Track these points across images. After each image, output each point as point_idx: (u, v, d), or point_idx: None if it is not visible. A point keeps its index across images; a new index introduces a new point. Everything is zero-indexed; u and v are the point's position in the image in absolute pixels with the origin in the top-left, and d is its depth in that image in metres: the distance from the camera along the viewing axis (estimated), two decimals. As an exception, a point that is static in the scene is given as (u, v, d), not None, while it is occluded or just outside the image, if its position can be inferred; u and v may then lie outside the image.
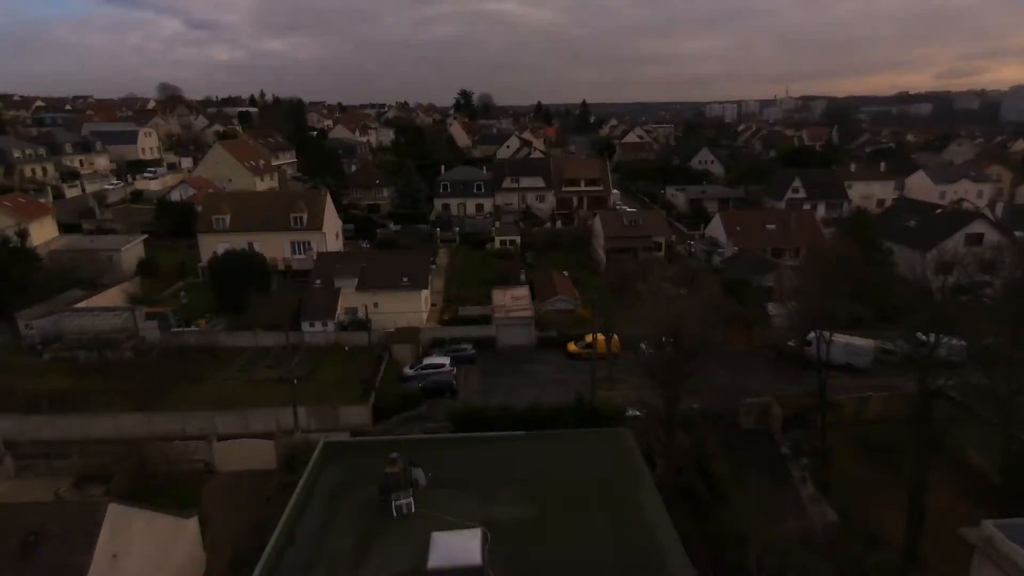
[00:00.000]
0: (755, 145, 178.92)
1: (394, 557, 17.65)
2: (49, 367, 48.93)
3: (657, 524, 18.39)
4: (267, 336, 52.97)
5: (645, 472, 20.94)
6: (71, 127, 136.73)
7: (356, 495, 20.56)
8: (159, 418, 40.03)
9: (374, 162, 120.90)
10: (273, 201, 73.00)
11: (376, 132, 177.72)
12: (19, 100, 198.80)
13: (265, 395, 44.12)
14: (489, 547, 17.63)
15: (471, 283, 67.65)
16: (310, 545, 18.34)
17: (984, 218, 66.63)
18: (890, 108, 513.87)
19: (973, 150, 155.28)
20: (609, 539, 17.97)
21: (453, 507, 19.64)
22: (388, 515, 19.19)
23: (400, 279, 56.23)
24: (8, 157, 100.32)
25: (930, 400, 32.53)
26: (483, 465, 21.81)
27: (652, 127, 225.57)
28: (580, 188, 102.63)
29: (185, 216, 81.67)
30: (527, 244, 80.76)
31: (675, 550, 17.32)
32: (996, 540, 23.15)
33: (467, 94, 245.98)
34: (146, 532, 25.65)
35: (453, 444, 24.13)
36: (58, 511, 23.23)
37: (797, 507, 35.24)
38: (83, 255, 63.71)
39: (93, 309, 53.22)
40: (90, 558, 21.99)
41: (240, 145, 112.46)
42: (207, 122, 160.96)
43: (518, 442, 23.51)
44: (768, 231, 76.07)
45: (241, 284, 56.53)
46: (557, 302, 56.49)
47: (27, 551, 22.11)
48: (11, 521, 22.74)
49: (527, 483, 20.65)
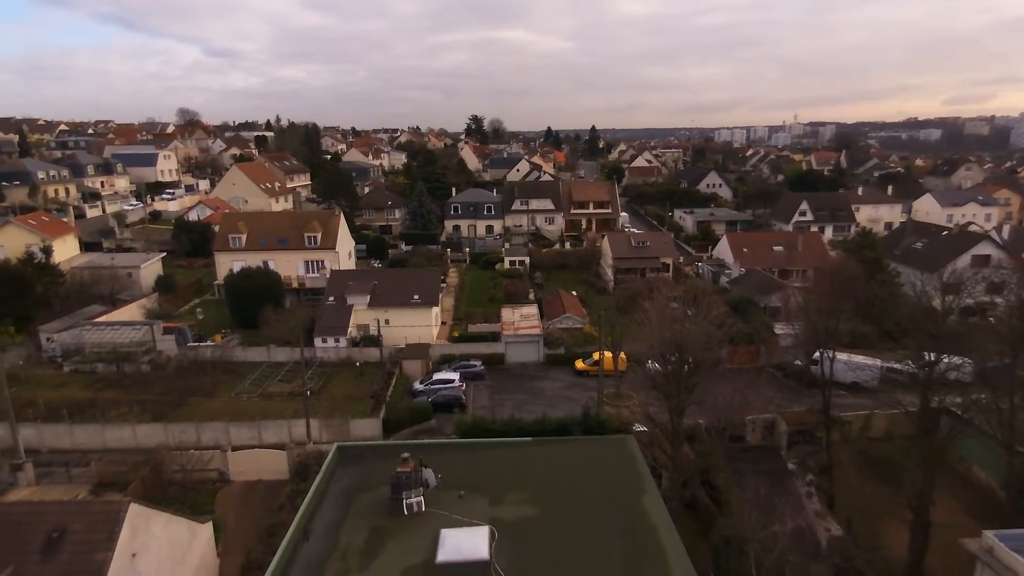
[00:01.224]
0: (763, 169, 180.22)
1: (404, 552, 18.31)
2: (69, 379, 50.24)
3: (659, 526, 18.96)
4: (280, 352, 54.10)
5: (648, 477, 21.55)
6: (93, 150, 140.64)
7: (368, 495, 21.28)
8: (175, 428, 40.97)
9: (386, 184, 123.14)
10: (288, 221, 74.73)
11: (388, 156, 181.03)
12: (43, 124, 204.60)
13: (278, 408, 45.04)
14: (496, 544, 18.27)
15: (480, 302, 68.65)
16: (323, 540, 19.06)
17: (990, 240, 66.97)
18: (899, 134, 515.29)
19: (982, 174, 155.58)
20: (613, 538, 18.54)
21: (461, 507, 20.30)
22: (399, 513, 19.87)
23: (411, 296, 57.32)
24: (33, 178, 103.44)
25: (934, 415, 32.87)
26: (491, 468, 22.50)
27: (661, 152, 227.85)
28: (589, 211, 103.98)
29: (202, 236, 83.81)
30: (536, 265, 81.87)
31: (676, 549, 17.89)
32: (997, 550, 23.51)
33: (478, 119, 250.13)
34: (164, 534, 26.43)
35: (462, 449, 24.85)
36: (80, 510, 24.06)
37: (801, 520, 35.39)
38: (104, 272, 65.47)
39: (112, 323, 54.67)
40: (111, 556, 22.74)
41: (256, 167, 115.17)
42: (224, 146, 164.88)
43: (525, 448, 24.21)
44: (775, 253, 76.67)
45: (256, 301, 57.93)
46: (565, 320, 57.26)
47: (50, 548, 22.93)
48: (35, 519, 23.60)
49: (533, 485, 21.30)
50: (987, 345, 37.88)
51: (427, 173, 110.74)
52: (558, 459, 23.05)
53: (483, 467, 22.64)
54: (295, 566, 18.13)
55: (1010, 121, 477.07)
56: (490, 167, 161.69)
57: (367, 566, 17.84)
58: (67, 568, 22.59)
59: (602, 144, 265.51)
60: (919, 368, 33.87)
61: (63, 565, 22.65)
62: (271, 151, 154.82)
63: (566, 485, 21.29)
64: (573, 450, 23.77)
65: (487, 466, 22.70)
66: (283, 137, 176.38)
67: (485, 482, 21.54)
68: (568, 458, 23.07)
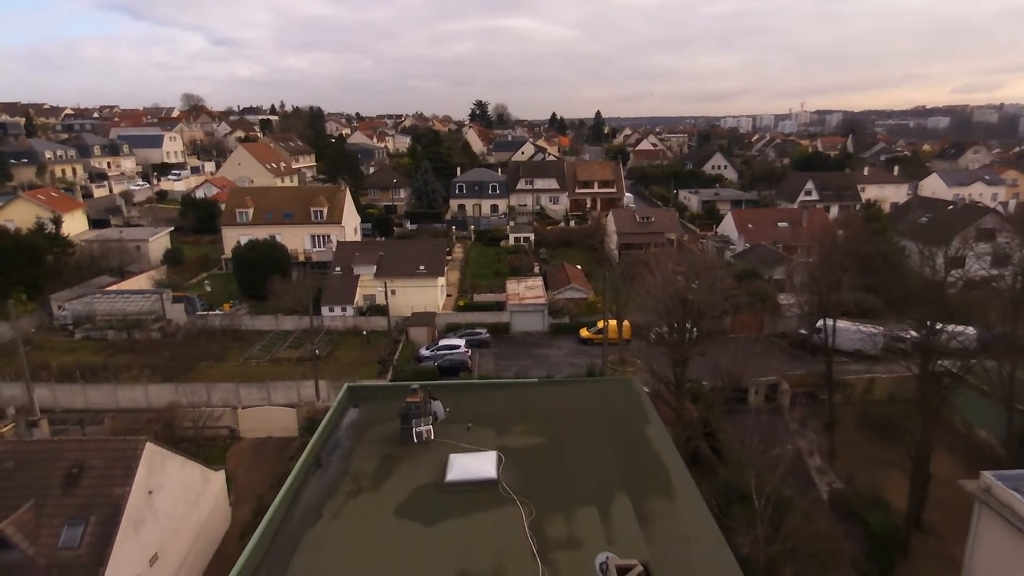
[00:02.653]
0: (769, 153, 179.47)
1: (414, 474, 18.85)
2: (80, 345, 51.02)
3: (662, 450, 19.45)
4: (288, 320, 54.76)
5: (652, 411, 22.02)
6: (99, 132, 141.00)
7: (378, 429, 21.81)
8: (186, 389, 41.61)
9: (391, 166, 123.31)
10: (294, 195, 75.19)
11: (393, 139, 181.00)
12: (49, 108, 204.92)
13: (286, 372, 45.70)
14: (503, 467, 18.80)
15: (485, 276, 69.08)
16: (335, 467, 19.60)
17: (996, 213, 66.88)
18: (907, 122, 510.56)
19: (989, 158, 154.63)
20: (616, 460, 19.05)
21: (469, 438, 20.83)
22: (409, 442, 20.40)
23: (417, 267, 57.78)
24: (40, 157, 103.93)
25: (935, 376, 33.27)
26: (498, 406, 22.99)
27: (666, 136, 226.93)
28: (593, 190, 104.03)
29: (208, 213, 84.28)
30: (541, 241, 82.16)
31: (679, 469, 18.37)
32: (995, 489, 23.91)
33: (483, 104, 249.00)
34: (178, 475, 27.11)
35: (470, 389, 25.37)
36: (99, 447, 24.68)
37: (803, 477, 35.91)
38: (112, 245, 66.15)
39: (122, 292, 55.35)
40: (129, 490, 23.41)
41: (261, 147, 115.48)
42: (229, 129, 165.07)
43: (531, 388, 24.71)
44: (780, 229, 76.74)
45: (263, 272, 58.47)
46: (569, 290, 57.66)
47: (70, 482, 23.61)
48: (55, 456, 24.28)
49: (539, 419, 21.80)
50: (989, 314, 38.19)
51: (432, 153, 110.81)
52: (564, 397, 23.55)
53: (491, 404, 23.14)
54: (308, 487, 18.69)
55: (1019, 109, 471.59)
56: (495, 150, 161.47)
57: (379, 486, 18.40)
58: (87, 501, 23.27)
59: (607, 130, 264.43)
60: (922, 336, 34.29)
61: (83, 499, 23.33)
62: (276, 133, 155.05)
63: (571, 418, 21.78)
64: (578, 389, 24.27)
65: (494, 404, 23.21)
66: (288, 120, 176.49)
67: (492, 417, 22.06)
68: (573, 396, 23.56)
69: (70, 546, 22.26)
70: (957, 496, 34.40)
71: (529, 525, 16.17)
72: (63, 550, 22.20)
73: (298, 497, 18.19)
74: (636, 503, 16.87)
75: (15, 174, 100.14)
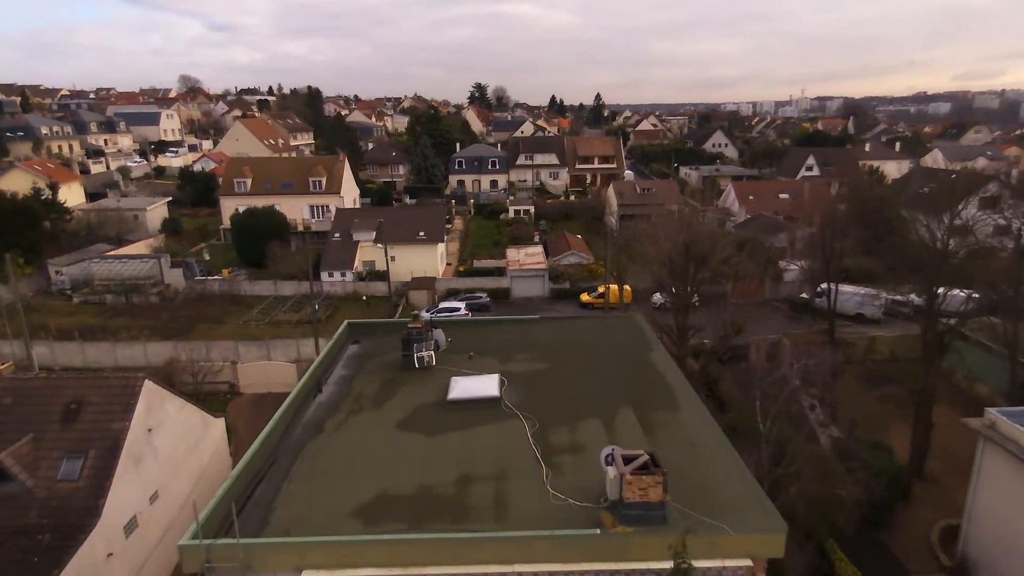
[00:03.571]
0: (769, 134, 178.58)
1: (416, 395, 18.69)
2: (79, 309, 50.75)
3: (666, 372, 19.26)
4: (287, 286, 54.51)
5: (656, 341, 21.84)
6: (96, 111, 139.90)
7: (380, 358, 21.63)
8: (185, 347, 41.40)
9: (390, 143, 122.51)
10: (293, 166, 74.63)
11: (392, 119, 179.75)
12: (45, 90, 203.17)
13: (286, 333, 45.47)
14: (506, 388, 18.61)
15: (485, 247, 68.72)
16: (336, 391, 19.41)
17: (1000, 180, 66.42)
18: (907, 107, 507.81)
19: (990, 138, 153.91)
20: (621, 381, 18.88)
21: (471, 365, 20.64)
22: (410, 368, 20.21)
23: (417, 233, 57.45)
24: (36, 132, 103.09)
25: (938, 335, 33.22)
26: (500, 338, 22.83)
27: (666, 118, 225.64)
28: (593, 165, 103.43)
29: (206, 186, 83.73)
30: (541, 215, 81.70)
31: (684, 388, 18.19)
32: (999, 424, 23.87)
33: (481, 87, 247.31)
34: (178, 417, 26.93)
35: (471, 324, 25.19)
36: (97, 383, 24.47)
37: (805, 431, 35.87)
38: (110, 214, 65.72)
39: (120, 256, 55.00)
40: (128, 425, 23.22)
41: (259, 124, 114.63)
42: (226, 108, 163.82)
43: (533, 323, 24.53)
44: (781, 200, 76.35)
45: (262, 240, 58.12)
46: (570, 256, 57.40)
47: (68, 417, 23.44)
48: (53, 391, 24.09)
49: (542, 348, 21.64)
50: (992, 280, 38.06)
51: (431, 129, 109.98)
52: (566, 330, 23.40)
53: (493, 338, 22.97)
54: (309, 408, 18.51)
55: (1020, 95, 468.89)
56: (494, 130, 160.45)
57: (380, 405, 18.23)
58: (85, 435, 23.09)
59: (607, 113, 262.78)
60: (924, 300, 34.24)
61: (81, 433, 23.15)
62: (274, 111, 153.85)
63: (575, 347, 21.60)
64: (581, 323, 24.12)
65: (497, 337, 23.02)
66: (286, 100, 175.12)
67: (495, 348, 21.88)
68: (576, 329, 23.41)
69: (69, 478, 22.10)
70: (958, 448, 34.50)
71: (532, 435, 16.00)
72: (62, 482, 22.04)
73: (298, 416, 18.02)
74: (641, 416, 16.71)
75: (11, 149, 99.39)
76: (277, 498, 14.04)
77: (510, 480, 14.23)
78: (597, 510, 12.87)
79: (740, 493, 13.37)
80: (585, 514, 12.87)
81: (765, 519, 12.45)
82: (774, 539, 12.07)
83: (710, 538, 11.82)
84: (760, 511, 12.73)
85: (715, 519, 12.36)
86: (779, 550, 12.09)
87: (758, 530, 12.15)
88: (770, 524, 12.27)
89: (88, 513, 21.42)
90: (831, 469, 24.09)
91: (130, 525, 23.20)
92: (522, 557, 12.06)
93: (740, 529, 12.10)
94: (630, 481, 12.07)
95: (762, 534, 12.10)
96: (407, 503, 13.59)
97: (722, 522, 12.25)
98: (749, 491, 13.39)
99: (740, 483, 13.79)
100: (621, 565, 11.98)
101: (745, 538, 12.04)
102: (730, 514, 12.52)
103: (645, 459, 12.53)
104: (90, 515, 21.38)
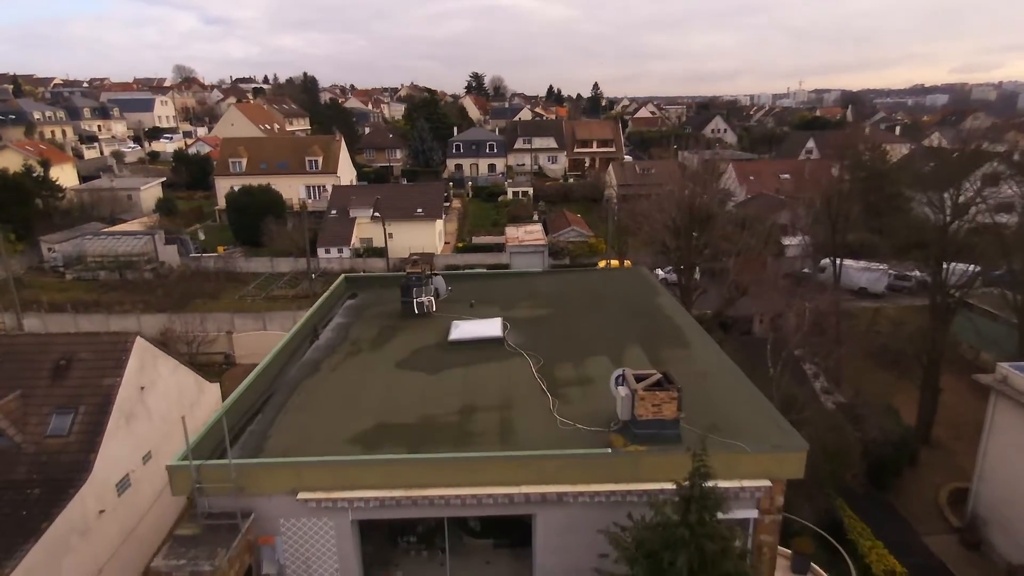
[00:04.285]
0: (768, 122, 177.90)
1: (416, 338, 18.07)
2: (72, 285, 49.99)
3: (675, 315, 18.68)
4: (283, 262, 53.84)
5: (662, 288, 21.24)
6: (89, 97, 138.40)
7: (377, 308, 21.00)
8: (180, 319, 40.69)
9: (387, 129, 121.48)
10: (289, 145, 73.79)
11: (389, 106, 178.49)
12: (38, 79, 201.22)
13: (282, 308, 44.80)
14: (509, 331, 18.00)
15: (484, 227, 68.01)
16: (333, 336, 18.78)
17: (1002, 156, 65.89)
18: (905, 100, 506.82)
19: (989, 123, 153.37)
20: (628, 323, 18.30)
21: (473, 313, 20.03)
22: (410, 314, 19.59)
23: (415, 209, 56.76)
24: (28, 117, 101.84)
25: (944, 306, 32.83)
26: (503, 289, 22.22)
27: (665, 107, 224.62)
28: (592, 149, 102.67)
29: (201, 169, 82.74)
30: (539, 196, 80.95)
31: (692, 326, 17.62)
32: (1011, 377, 23.41)
33: (479, 77, 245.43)
34: (171, 378, 26.29)
35: (472, 276, 24.60)
36: (88, 340, 23.80)
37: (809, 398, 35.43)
38: (103, 194, 64.84)
39: (114, 232, 54.20)
40: (119, 381, 22.58)
41: (255, 108, 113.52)
42: (221, 96, 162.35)
43: (536, 275, 23.94)
44: (781, 180, 75.68)
45: (258, 218, 57.34)
46: (570, 232, 56.78)
47: (58, 373, 22.78)
48: (42, 348, 23.40)
49: (547, 297, 21.04)
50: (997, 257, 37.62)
51: (429, 113, 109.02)
52: (571, 281, 22.80)
53: (495, 289, 22.36)
54: (304, 352, 17.88)
55: (1018, 87, 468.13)
56: (492, 118, 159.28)
57: (379, 347, 17.61)
58: (76, 392, 22.43)
59: (605, 103, 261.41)
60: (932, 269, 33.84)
61: (72, 389, 22.49)
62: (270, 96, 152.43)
63: (580, 295, 21.00)
64: (585, 274, 23.58)
65: (499, 288, 22.42)
66: (281, 89, 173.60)
67: (497, 297, 21.27)
68: (580, 279, 22.82)
69: (59, 434, 21.47)
70: (965, 415, 34.11)
71: (538, 371, 15.40)
72: (52, 437, 21.40)
73: (293, 358, 17.40)
74: (650, 352, 16.12)
75: (3, 134, 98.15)
76: (272, 428, 13.44)
77: (515, 409, 13.64)
78: (607, 434, 12.29)
79: (756, 414, 12.78)
80: (594, 438, 12.29)
81: (784, 438, 11.87)
82: (794, 458, 11.48)
83: (726, 457, 11.23)
84: (778, 431, 12.15)
85: (732, 440, 11.78)
86: (799, 470, 11.52)
87: (777, 449, 11.57)
88: (790, 443, 11.70)
89: (78, 468, 20.82)
90: (839, 424, 23.64)
91: (123, 483, 22.60)
92: (529, 478, 11.48)
93: (759, 448, 11.52)
94: (643, 396, 11.48)
95: (782, 453, 11.51)
96: (408, 430, 12.99)
97: (739, 442, 11.66)
98: (765, 413, 12.81)
99: (755, 406, 13.21)
100: (633, 486, 11.39)
101: (764, 457, 11.46)
102: (747, 435, 11.93)
103: (658, 377, 11.94)
104: (80, 470, 20.78)
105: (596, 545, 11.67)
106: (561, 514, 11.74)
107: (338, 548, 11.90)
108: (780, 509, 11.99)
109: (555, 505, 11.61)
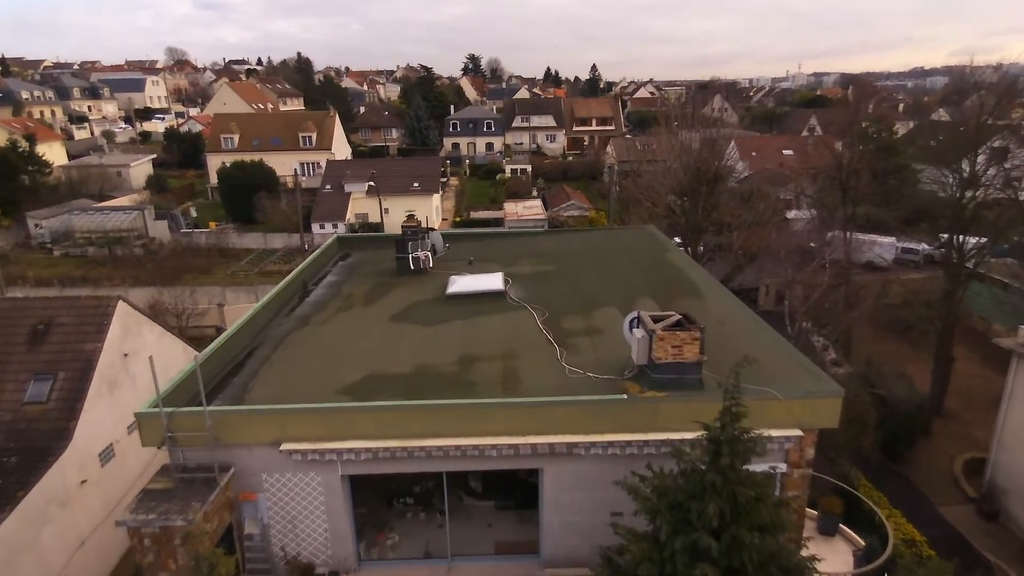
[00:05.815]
0: (768, 102, 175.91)
1: (412, 293, 16.96)
2: (60, 261, 48.71)
3: (686, 268, 17.57)
4: (276, 238, 52.57)
5: (672, 244, 20.13)
6: (79, 78, 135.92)
7: (372, 267, 19.87)
8: (170, 292, 39.50)
9: (383, 108, 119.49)
10: (282, 121, 72.21)
11: (384, 87, 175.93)
12: (27, 61, 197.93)
13: (275, 282, 43.60)
14: (511, 286, 16.89)
15: (482, 204, 66.74)
16: (324, 292, 17.65)
17: (1010, 130, 64.63)
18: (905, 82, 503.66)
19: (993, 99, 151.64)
20: (637, 276, 17.20)
21: (472, 270, 18.90)
22: (405, 270, 18.46)
23: (411, 184, 55.42)
24: (16, 96, 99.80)
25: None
26: (504, 248, 21.07)
27: (664, 89, 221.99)
28: (591, 127, 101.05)
29: (193, 147, 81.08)
30: (538, 174, 79.52)
31: (707, 278, 16.52)
32: (1035, 340, 22.41)
33: (475, 59, 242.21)
34: (157, 346, 25.05)
35: (470, 236, 23.45)
36: (68, 304, 22.65)
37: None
38: (92, 170, 63.31)
39: (103, 208, 52.83)
40: (100, 347, 21.47)
41: (247, 87, 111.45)
42: (214, 77, 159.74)
43: (539, 234, 22.80)
44: (785, 156, 74.28)
45: (250, 194, 56.01)
46: (570, 207, 55.55)
47: (36, 339, 21.64)
48: (20, 312, 22.26)
49: (551, 254, 19.91)
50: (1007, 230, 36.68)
51: (425, 91, 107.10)
52: (576, 240, 21.66)
53: (495, 248, 21.21)
54: (294, 307, 16.75)
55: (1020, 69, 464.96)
56: (489, 99, 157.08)
57: (373, 302, 16.50)
58: (55, 357, 21.31)
59: (603, 84, 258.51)
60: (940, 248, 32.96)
61: (50, 355, 21.35)
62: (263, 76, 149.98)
63: (584, 251, 19.88)
64: (590, 233, 22.44)
65: (500, 247, 21.27)
66: (276, 69, 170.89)
67: (498, 256, 20.12)
68: (585, 238, 21.69)
69: (37, 400, 20.39)
70: (977, 387, 33.24)
71: (543, 323, 14.30)
72: (29, 404, 20.32)
73: (280, 313, 16.27)
74: (662, 303, 15.01)
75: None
76: (255, 381, 12.35)
77: (519, 359, 12.56)
78: (621, 382, 11.22)
79: (783, 360, 11.72)
80: (607, 386, 11.21)
81: (817, 383, 10.81)
82: (829, 404, 10.42)
83: (755, 403, 10.13)
84: (810, 376, 11.09)
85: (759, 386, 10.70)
86: (834, 419, 10.46)
87: (810, 394, 10.50)
88: (824, 388, 10.64)
89: (58, 436, 19.77)
90: (855, 390, 22.67)
91: (106, 453, 21.55)
92: (536, 427, 10.41)
93: (791, 394, 10.45)
94: (662, 337, 10.39)
95: (815, 398, 10.44)
96: (403, 380, 11.91)
97: (768, 388, 10.58)
98: (793, 359, 11.75)
99: (781, 351, 12.15)
100: (650, 435, 10.33)
101: (796, 404, 10.38)
102: (775, 382, 10.85)
103: (677, 318, 10.85)
104: (60, 438, 19.74)
105: (608, 502, 10.69)
106: (571, 468, 10.70)
107: (327, 506, 10.87)
108: (811, 463, 10.97)
109: (564, 458, 10.57)
